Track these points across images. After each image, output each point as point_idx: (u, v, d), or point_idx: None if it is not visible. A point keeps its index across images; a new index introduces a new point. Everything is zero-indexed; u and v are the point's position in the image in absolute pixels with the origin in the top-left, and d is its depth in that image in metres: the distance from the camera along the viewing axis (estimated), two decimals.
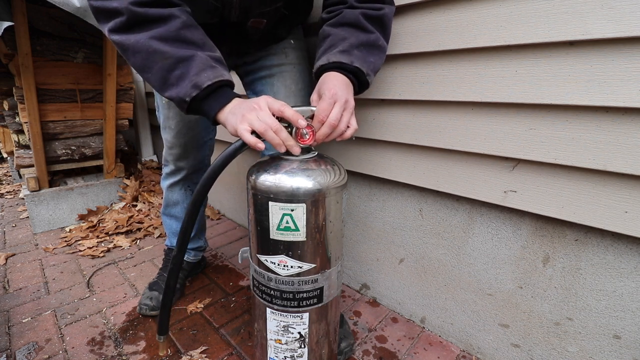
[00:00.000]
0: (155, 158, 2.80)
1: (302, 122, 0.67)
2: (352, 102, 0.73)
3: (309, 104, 0.75)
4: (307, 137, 0.70)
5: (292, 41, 1.03)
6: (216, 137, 1.25)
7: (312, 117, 0.70)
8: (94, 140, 2.03)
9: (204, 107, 0.71)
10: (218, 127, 1.22)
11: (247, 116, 0.66)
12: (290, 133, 0.69)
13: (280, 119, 0.68)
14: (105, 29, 0.69)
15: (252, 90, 1.07)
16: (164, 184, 1.26)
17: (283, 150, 0.68)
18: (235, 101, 0.71)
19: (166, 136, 1.13)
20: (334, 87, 0.71)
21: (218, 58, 0.73)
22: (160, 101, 1.09)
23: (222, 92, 0.71)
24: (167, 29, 0.67)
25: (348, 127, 0.72)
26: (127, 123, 2.12)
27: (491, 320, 0.99)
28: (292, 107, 0.69)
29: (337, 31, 0.79)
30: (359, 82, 0.78)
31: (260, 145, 0.65)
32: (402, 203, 1.14)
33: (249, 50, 1.00)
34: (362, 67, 0.75)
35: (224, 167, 0.69)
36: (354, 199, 1.28)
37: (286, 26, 0.98)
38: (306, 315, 0.77)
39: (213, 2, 0.79)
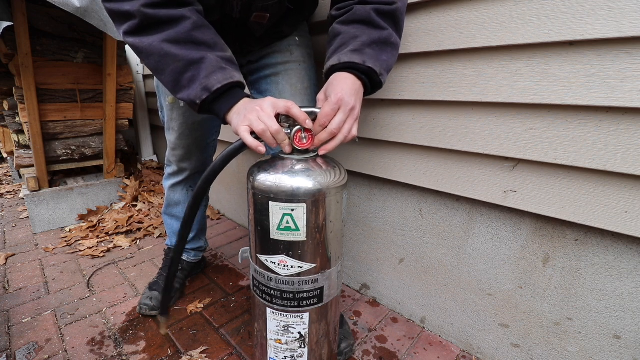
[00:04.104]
0: (155, 158, 2.80)
1: (309, 123, 0.67)
2: (357, 109, 0.71)
3: (315, 102, 0.75)
4: (306, 140, 0.70)
5: (297, 38, 1.01)
6: (219, 138, 1.25)
7: (314, 119, 0.70)
8: (94, 140, 2.03)
9: (214, 108, 0.72)
10: (221, 127, 1.23)
11: (248, 116, 0.67)
12: (289, 134, 0.69)
13: (286, 117, 0.68)
14: (120, 31, 0.71)
15: (257, 89, 1.05)
16: (166, 183, 1.26)
17: (275, 146, 0.68)
18: (243, 101, 0.71)
19: (169, 137, 1.13)
20: (342, 91, 0.69)
21: (229, 58, 0.73)
22: (164, 102, 1.09)
23: (231, 93, 0.71)
24: (178, 31, 0.68)
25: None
26: (127, 123, 2.12)
27: (491, 320, 0.99)
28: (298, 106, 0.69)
29: (348, 29, 0.77)
30: (372, 82, 0.75)
31: (261, 149, 0.66)
32: (402, 203, 1.14)
33: (253, 48, 0.99)
34: (375, 66, 0.72)
35: (224, 166, 0.69)
36: (354, 199, 1.28)
37: (291, 22, 0.96)
38: (306, 315, 0.77)
39: None
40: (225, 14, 0.84)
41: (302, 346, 0.79)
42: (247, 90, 0.76)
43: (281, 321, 0.77)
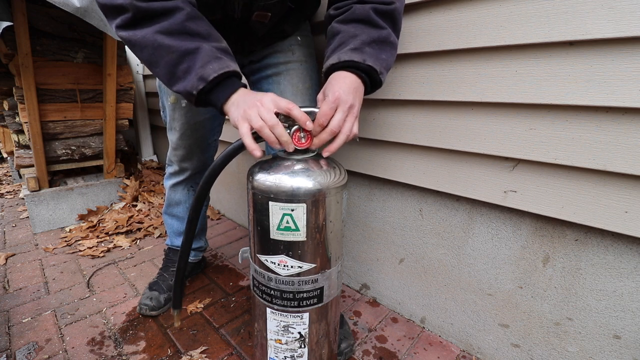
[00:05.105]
0: (155, 158, 2.80)
1: (310, 124, 0.67)
2: (357, 108, 0.71)
3: (316, 102, 0.75)
4: (304, 140, 0.70)
5: (299, 38, 1.01)
6: (220, 138, 1.25)
7: (313, 118, 0.70)
8: (94, 140, 2.03)
9: (211, 98, 0.71)
10: (223, 127, 1.23)
11: (248, 112, 0.66)
12: (289, 133, 0.69)
13: (285, 117, 0.68)
14: (113, 26, 0.70)
15: (259, 89, 1.05)
16: (167, 183, 1.26)
17: (278, 147, 0.68)
18: (241, 91, 0.70)
19: (171, 137, 1.13)
20: (339, 89, 0.68)
21: (224, 48, 0.73)
22: (166, 102, 1.09)
23: (228, 83, 0.71)
24: (172, 22, 0.67)
25: None
26: (127, 123, 2.12)
27: (491, 320, 0.99)
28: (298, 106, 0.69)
29: (347, 28, 0.76)
30: (372, 81, 0.75)
31: (257, 153, 0.66)
32: (402, 203, 1.14)
33: (254, 48, 0.99)
34: (375, 65, 0.72)
35: (224, 165, 0.70)
36: (354, 199, 1.28)
37: (293, 21, 0.96)
38: (306, 315, 0.77)
39: None
40: (226, 13, 0.84)
41: (302, 346, 0.79)
42: (244, 80, 0.76)
43: (281, 321, 0.77)
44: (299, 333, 0.78)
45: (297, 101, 0.97)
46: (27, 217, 2.10)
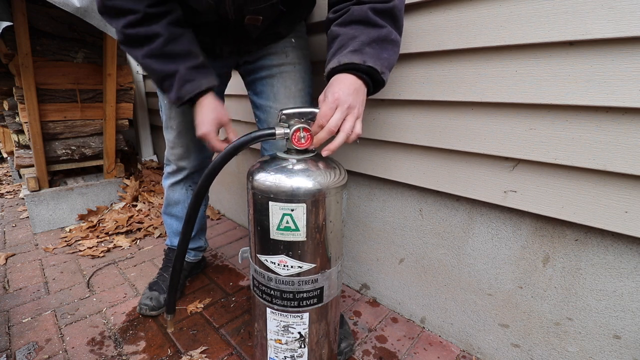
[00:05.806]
0: (155, 158, 2.80)
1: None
2: (357, 108, 0.71)
3: (309, 104, 0.76)
4: (304, 140, 0.70)
5: (293, 40, 1.02)
6: None
7: (313, 118, 0.70)
8: (94, 140, 2.03)
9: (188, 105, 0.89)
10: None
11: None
12: (288, 134, 0.69)
13: (286, 117, 0.72)
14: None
15: (253, 90, 1.07)
16: (166, 183, 1.26)
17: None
18: (198, 103, 0.85)
19: (168, 136, 1.13)
20: (339, 91, 0.69)
21: (199, 65, 0.84)
22: (162, 101, 1.10)
23: (196, 97, 0.85)
24: (153, 48, 0.79)
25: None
26: (127, 123, 2.12)
27: (491, 320, 0.99)
28: (292, 107, 0.71)
29: (346, 30, 0.76)
30: (374, 81, 0.75)
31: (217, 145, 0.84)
32: (402, 203, 1.14)
33: (250, 49, 1.00)
34: (376, 65, 0.72)
35: (225, 163, 0.71)
36: (354, 199, 1.28)
37: (287, 23, 0.97)
38: (306, 315, 0.77)
39: (207, 0, 0.80)
40: (220, 16, 0.85)
41: (302, 346, 0.79)
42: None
43: (281, 321, 0.77)
44: (299, 333, 0.78)
45: (289, 103, 1.00)
46: (27, 217, 2.10)
